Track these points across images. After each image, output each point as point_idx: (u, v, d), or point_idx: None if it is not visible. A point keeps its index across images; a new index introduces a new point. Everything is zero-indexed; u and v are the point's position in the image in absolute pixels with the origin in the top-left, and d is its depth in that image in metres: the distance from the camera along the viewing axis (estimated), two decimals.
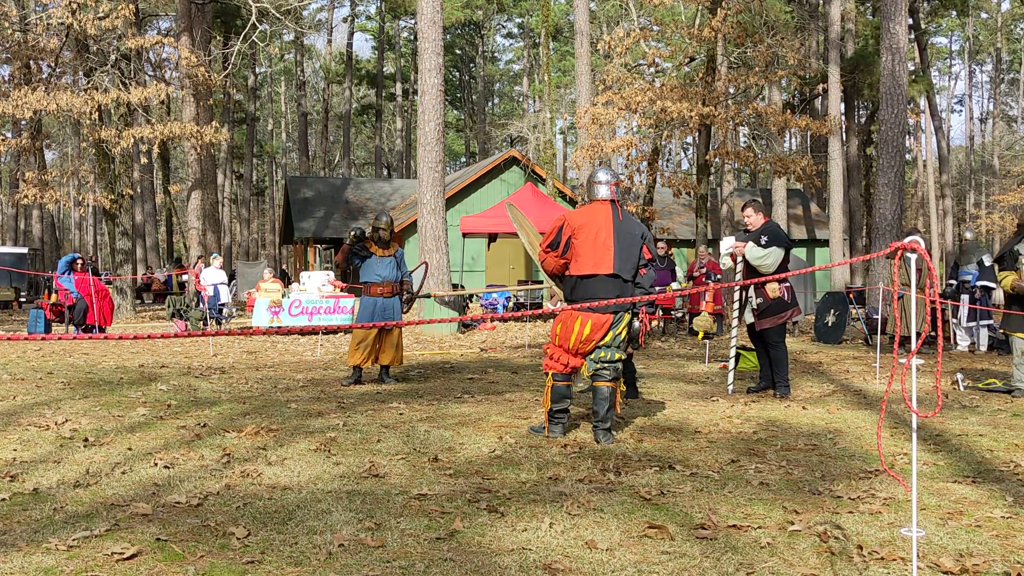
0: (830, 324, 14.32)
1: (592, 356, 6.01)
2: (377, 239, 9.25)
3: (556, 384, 6.05)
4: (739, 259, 8.12)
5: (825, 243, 32.52)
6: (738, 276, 8.11)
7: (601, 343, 5.98)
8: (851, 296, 15.38)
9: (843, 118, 33.62)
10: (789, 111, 27.01)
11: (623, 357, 6.11)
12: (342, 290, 16.48)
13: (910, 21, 29.45)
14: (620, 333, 6.03)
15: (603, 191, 6.09)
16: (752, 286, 8.06)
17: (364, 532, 3.96)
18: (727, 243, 8.39)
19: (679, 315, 16.26)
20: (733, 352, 8.64)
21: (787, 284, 8.12)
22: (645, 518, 4.20)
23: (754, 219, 8.20)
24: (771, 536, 3.96)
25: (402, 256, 9.39)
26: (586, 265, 5.91)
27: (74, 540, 3.77)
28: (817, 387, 8.80)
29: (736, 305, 8.39)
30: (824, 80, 29.07)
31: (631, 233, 6.03)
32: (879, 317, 11.36)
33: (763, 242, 7.95)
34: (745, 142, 32.34)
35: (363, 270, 9.20)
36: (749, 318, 8.20)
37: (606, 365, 6.00)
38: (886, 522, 4.17)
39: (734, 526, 4.09)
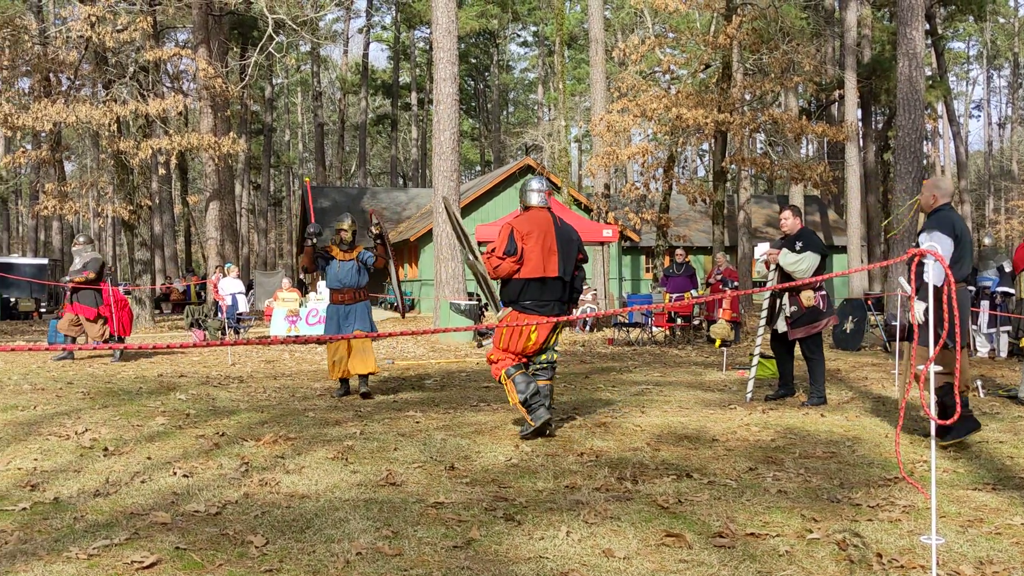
0: (849, 331, 14.25)
1: (534, 360, 6.41)
2: (339, 242, 8.70)
3: (516, 375, 6.27)
4: (773, 266, 8.06)
5: (843, 249, 32.40)
6: (770, 283, 8.04)
7: (544, 346, 6.37)
8: (869, 303, 15.30)
9: (860, 124, 33.51)
10: (805, 117, 26.93)
11: (558, 355, 6.59)
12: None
13: (927, 26, 29.33)
14: (559, 336, 6.49)
15: (536, 199, 6.42)
16: (786, 294, 7.98)
17: (382, 540, 3.97)
18: (761, 249, 8.34)
19: (696, 322, 16.21)
20: (756, 359, 8.61)
21: (822, 292, 8.03)
22: (663, 526, 4.19)
23: (790, 223, 8.10)
24: (790, 544, 3.94)
25: (368, 257, 8.68)
26: (535, 269, 6.21)
27: (94, 549, 3.80)
28: (836, 394, 8.76)
29: (765, 312, 8.31)
30: (840, 86, 29.01)
31: (571, 238, 6.40)
32: (898, 324, 11.27)
33: (797, 248, 7.87)
34: (761, 149, 32.24)
35: (327, 276, 8.74)
36: (782, 326, 8.12)
37: (546, 365, 6.45)
38: (906, 530, 4.15)
39: (752, 534, 4.07)
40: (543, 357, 6.43)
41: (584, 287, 20.05)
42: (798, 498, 4.72)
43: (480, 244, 20.03)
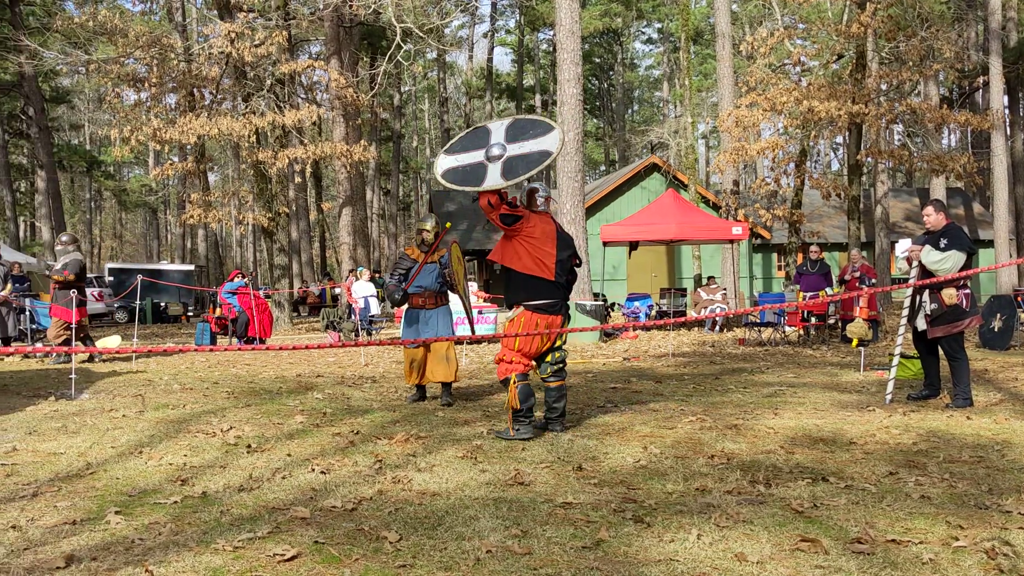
0: (997, 329, 13.52)
1: (548, 359, 6.59)
2: (420, 243, 8.37)
3: (522, 384, 6.36)
4: (915, 263, 7.74)
5: (990, 244, 30.79)
6: (912, 280, 7.72)
7: (555, 346, 6.60)
8: (1019, 299, 14.48)
9: (1007, 111, 31.75)
10: (946, 106, 25.71)
11: (566, 352, 6.74)
12: (485, 300, 16.71)
13: None
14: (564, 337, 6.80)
15: (541, 203, 6.66)
16: (928, 291, 7.66)
17: (511, 539, 4.01)
18: (903, 245, 8.05)
19: (832, 321, 15.70)
20: (896, 359, 8.28)
21: (966, 290, 7.65)
22: (797, 531, 4.08)
23: (934, 219, 7.75)
24: (934, 552, 3.77)
25: (446, 261, 8.25)
26: (538, 268, 6.40)
27: (239, 542, 3.97)
28: (983, 396, 8.32)
29: (906, 311, 7.99)
30: (984, 72, 27.57)
31: (568, 245, 6.68)
32: None
33: (942, 245, 7.52)
34: (899, 140, 30.97)
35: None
36: (921, 324, 7.80)
37: (559, 366, 6.63)
38: None
39: (893, 541, 3.92)
40: (556, 356, 6.61)
41: (713, 286, 19.72)
42: (943, 504, 4.52)
43: (609, 245, 19.97)
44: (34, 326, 14.35)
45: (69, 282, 12.31)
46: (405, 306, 8.60)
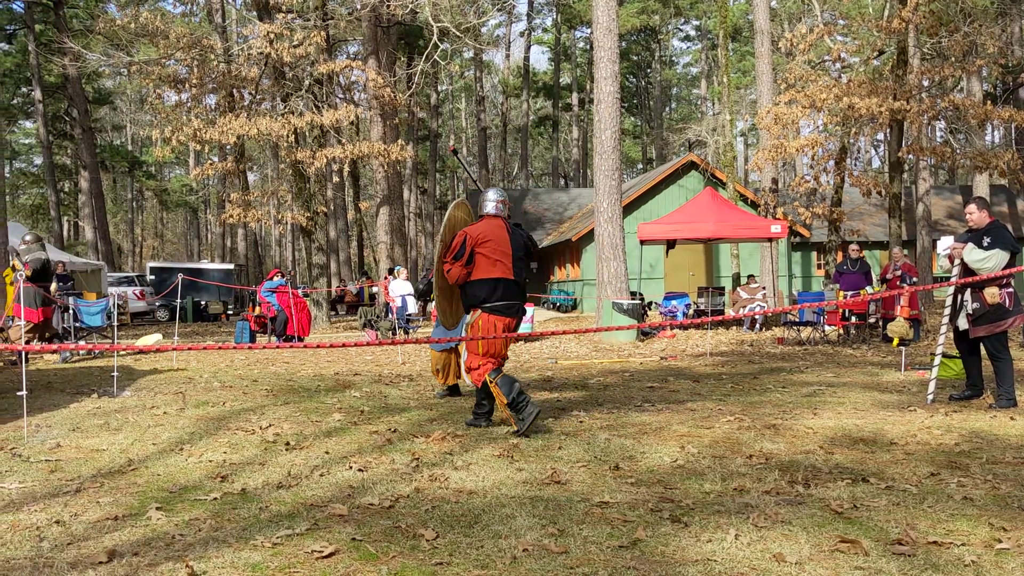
0: None
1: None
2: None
3: (500, 378, 6.45)
4: (957, 261, 7.63)
5: None
6: (954, 279, 7.61)
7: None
8: None
9: None
10: (990, 102, 25.22)
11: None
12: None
13: None
14: None
15: (491, 208, 6.79)
16: (969, 290, 7.54)
17: (547, 538, 4.01)
18: (945, 243, 7.94)
19: (872, 320, 15.50)
20: (938, 359, 8.16)
21: (1009, 289, 7.53)
22: (837, 532, 4.04)
23: (977, 217, 7.64)
24: (976, 554, 3.72)
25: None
26: (496, 270, 6.54)
27: (278, 538, 4.01)
28: None
29: (947, 309, 7.87)
30: None
31: (520, 245, 6.76)
32: None
33: (985, 243, 7.40)
34: (942, 137, 30.52)
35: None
36: (963, 324, 7.68)
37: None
38: None
39: (935, 542, 3.87)
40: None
41: (754, 285, 19.55)
42: (986, 506, 4.44)
43: (646, 243, 19.87)
44: (78, 324, 14.65)
45: (36, 279, 12.43)
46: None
